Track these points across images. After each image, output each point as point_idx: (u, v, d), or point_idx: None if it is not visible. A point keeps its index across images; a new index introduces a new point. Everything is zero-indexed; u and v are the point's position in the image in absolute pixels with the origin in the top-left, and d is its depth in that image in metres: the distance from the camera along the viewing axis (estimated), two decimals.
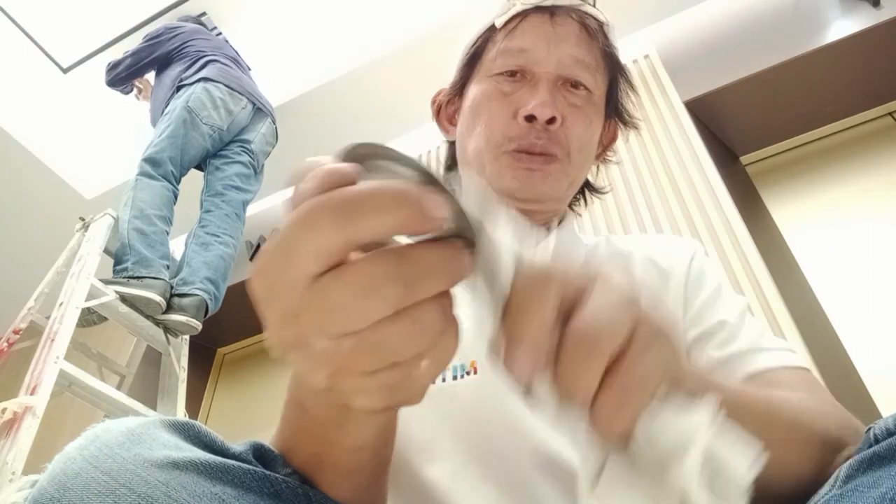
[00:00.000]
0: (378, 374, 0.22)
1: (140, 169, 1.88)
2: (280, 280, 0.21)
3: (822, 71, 1.86)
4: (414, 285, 0.20)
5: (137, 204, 1.81)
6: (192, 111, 1.93)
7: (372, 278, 0.20)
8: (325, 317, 0.20)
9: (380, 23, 2.32)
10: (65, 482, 0.29)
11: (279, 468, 0.36)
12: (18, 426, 1.31)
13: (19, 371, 1.54)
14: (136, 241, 1.75)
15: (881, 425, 0.35)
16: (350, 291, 0.20)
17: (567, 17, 0.65)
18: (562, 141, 0.62)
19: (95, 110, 2.57)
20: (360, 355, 0.21)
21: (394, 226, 0.20)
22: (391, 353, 0.21)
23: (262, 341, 2.13)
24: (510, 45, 0.65)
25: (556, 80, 0.63)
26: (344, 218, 0.20)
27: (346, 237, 0.20)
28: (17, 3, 2.23)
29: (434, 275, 0.21)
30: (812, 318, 1.51)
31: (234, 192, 2.00)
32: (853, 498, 0.32)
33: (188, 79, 2.05)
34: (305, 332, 0.21)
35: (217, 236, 1.90)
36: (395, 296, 0.20)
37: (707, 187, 1.62)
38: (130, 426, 0.33)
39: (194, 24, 2.29)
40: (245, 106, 2.08)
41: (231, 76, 2.09)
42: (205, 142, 1.96)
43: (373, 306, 0.20)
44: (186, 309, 1.78)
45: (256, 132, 2.14)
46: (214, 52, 2.17)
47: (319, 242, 0.20)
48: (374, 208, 0.20)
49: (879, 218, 1.69)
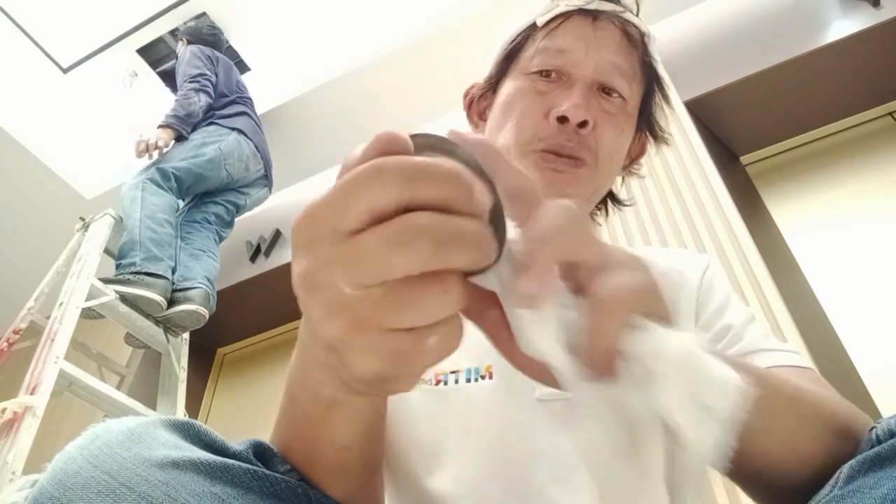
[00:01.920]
0: (390, 334, 0.23)
1: (149, 174, 1.91)
2: (324, 227, 0.22)
3: (822, 71, 1.86)
4: (444, 249, 0.22)
5: (149, 205, 1.84)
6: (223, 153, 2.05)
7: (406, 232, 0.21)
8: (358, 263, 0.22)
9: (380, 23, 2.32)
10: (65, 481, 0.29)
11: (279, 466, 0.36)
12: (18, 426, 1.31)
13: (19, 371, 1.54)
14: (147, 238, 1.77)
15: (883, 426, 0.35)
16: (384, 242, 0.21)
17: (609, 22, 0.64)
18: (591, 146, 0.61)
19: (95, 110, 2.57)
20: (382, 308, 0.22)
21: (445, 198, 0.22)
22: (411, 312, 0.22)
23: (262, 341, 2.13)
24: (549, 45, 0.64)
25: (591, 85, 0.63)
26: (405, 181, 0.21)
27: (401, 198, 0.21)
28: (17, 3, 2.23)
29: (463, 245, 0.22)
30: (812, 318, 1.51)
31: (210, 224, 2.11)
32: (854, 499, 0.32)
33: (224, 120, 2.14)
34: (335, 278, 0.22)
35: (204, 251, 1.99)
36: (425, 252, 0.21)
37: (707, 187, 1.62)
38: (130, 426, 0.33)
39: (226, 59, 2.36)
40: (259, 169, 2.24)
41: (260, 139, 2.24)
42: (215, 182, 2.08)
43: (403, 259, 0.21)
44: (193, 298, 1.80)
45: (253, 193, 2.28)
46: (245, 99, 2.29)
47: (375, 198, 0.22)
48: (433, 177, 0.22)
49: (880, 218, 1.69)
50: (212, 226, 2.10)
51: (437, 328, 0.23)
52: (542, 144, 0.60)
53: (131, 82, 2.50)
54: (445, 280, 0.22)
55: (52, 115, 2.53)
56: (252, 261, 2.53)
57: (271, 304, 2.50)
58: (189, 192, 2.06)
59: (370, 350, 0.23)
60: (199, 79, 2.13)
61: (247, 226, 2.64)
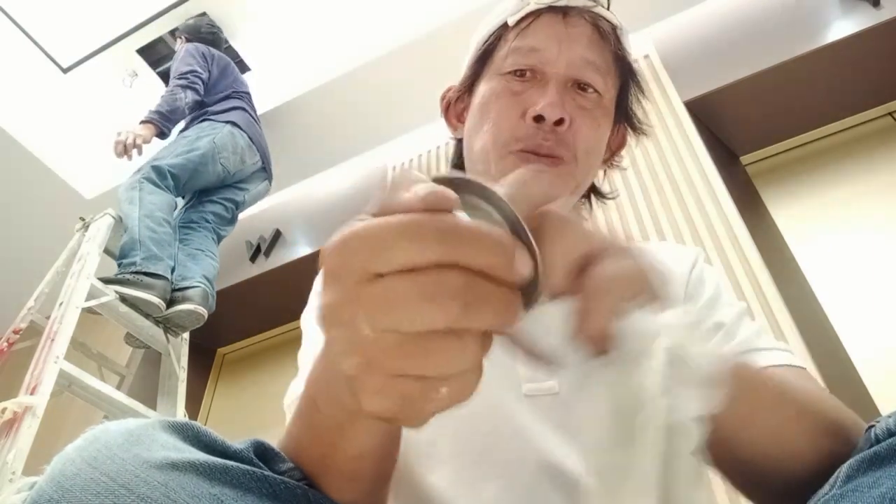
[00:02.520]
0: (401, 380, 0.23)
1: (145, 173, 1.91)
2: (356, 261, 0.22)
3: (822, 71, 1.86)
4: (473, 311, 0.22)
5: (147, 205, 1.84)
6: (216, 147, 2.02)
7: (439, 290, 0.21)
8: (383, 308, 0.22)
9: (379, 22, 2.32)
10: (64, 483, 0.29)
11: (279, 465, 0.36)
12: (18, 426, 1.31)
13: (19, 371, 1.54)
14: (147, 237, 1.77)
15: (882, 425, 0.35)
16: (415, 294, 0.21)
17: (580, 18, 0.64)
18: (569, 143, 0.61)
19: (95, 110, 2.57)
20: (397, 356, 0.22)
21: (484, 265, 0.22)
22: (425, 364, 0.22)
23: (262, 341, 2.13)
24: (521, 44, 0.64)
25: (566, 82, 0.63)
26: (448, 244, 0.22)
27: (440, 259, 0.22)
28: (17, 3, 2.23)
29: (493, 311, 0.22)
30: (812, 318, 1.51)
31: (208, 224, 2.09)
32: (853, 498, 0.32)
33: (217, 115, 2.12)
34: (357, 316, 0.22)
35: (202, 251, 1.98)
36: (453, 313, 0.21)
37: (707, 187, 1.62)
38: (130, 427, 0.33)
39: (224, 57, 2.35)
40: (256, 162, 2.20)
41: (255, 130, 2.21)
42: (211, 178, 2.06)
43: (430, 315, 0.21)
44: (191, 298, 1.79)
45: (252, 188, 2.25)
46: (241, 94, 2.27)
47: (415, 254, 0.22)
48: (475, 245, 0.22)
49: (880, 218, 1.69)
50: (210, 224, 2.08)
51: (451, 380, 0.23)
52: (519, 145, 0.61)
53: (131, 82, 2.50)
54: (465, 338, 0.23)
55: (52, 115, 2.53)
56: (252, 261, 2.53)
57: (271, 304, 2.50)
58: (186, 189, 2.04)
59: (380, 391, 0.23)
60: (189, 75, 2.11)
61: (247, 226, 2.64)
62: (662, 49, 2.05)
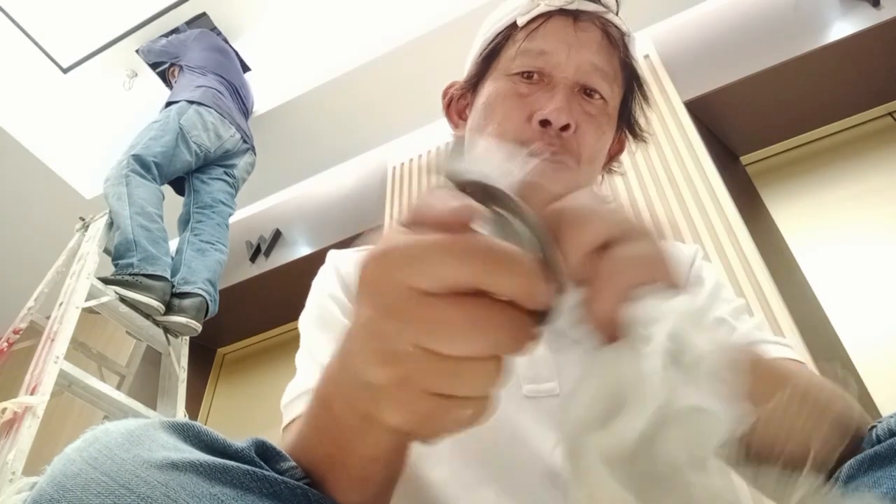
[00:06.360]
0: (431, 397, 0.23)
1: (129, 166, 1.89)
2: (399, 276, 0.23)
3: (822, 71, 1.86)
4: (505, 340, 0.23)
5: (137, 201, 1.82)
6: (183, 129, 2.03)
7: (489, 321, 0.22)
8: (434, 329, 0.22)
9: (379, 23, 2.32)
10: (64, 483, 0.29)
11: (281, 464, 0.36)
12: (18, 426, 1.31)
13: (19, 371, 1.54)
14: (142, 237, 1.76)
15: (883, 425, 0.35)
16: (465, 320, 0.22)
17: (591, 23, 0.64)
18: (573, 149, 0.61)
19: (95, 110, 2.57)
20: (435, 374, 0.23)
21: (515, 291, 0.23)
22: (458, 384, 0.23)
23: (262, 341, 2.13)
24: (530, 46, 0.64)
25: (573, 87, 0.62)
26: (488, 268, 0.23)
27: (477, 282, 0.22)
28: (17, 3, 2.23)
29: (519, 340, 0.24)
30: (812, 317, 1.51)
31: (222, 205, 2.11)
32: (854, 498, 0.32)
33: (181, 96, 2.14)
34: (403, 331, 0.23)
35: (212, 244, 1.98)
36: (492, 340, 0.23)
37: (707, 187, 1.62)
38: (130, 428, 0.33)
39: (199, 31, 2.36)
40: (234, 134, 2.20)
41: (224, 104, 2.21)
42: (190, 158, 2.05)
43: (475, 342, 0.22)
44: (186, 310, 1.78)
45: (240, 160, 2.27)
46: (222, 78, 2.30)
47: (454, 274, 0.22)
48: (509, 272, 0.23)
49: (880, 218, 1.69)
50: (223, 204, 2.10)
51: (472, 402, 0.24)
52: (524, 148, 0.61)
53: (131, 83, 2.50)
54: (491, 362, 0.24)
55: (52, 115, 2.53)
56: (252, 261, 2.53)
57: (271, 304, 2.50)
58: (169, 176, 2.04)
59: (405, 405, 0.24)
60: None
61: (247, 226, 2.64)
62: (662, 49, 2.05)
